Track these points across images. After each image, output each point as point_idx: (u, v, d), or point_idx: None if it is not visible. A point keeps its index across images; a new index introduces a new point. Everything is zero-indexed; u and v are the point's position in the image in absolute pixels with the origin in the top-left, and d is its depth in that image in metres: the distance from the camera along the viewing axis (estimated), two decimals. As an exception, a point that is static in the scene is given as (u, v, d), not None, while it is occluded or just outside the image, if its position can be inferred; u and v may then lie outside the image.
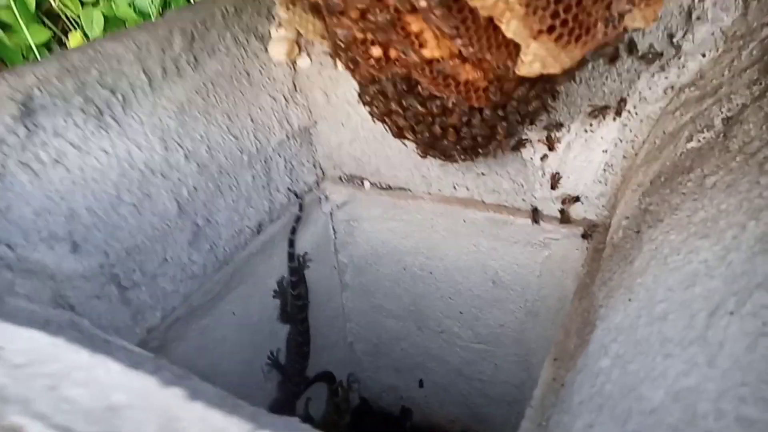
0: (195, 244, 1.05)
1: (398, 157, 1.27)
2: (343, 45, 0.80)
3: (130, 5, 1.61)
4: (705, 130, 0.84)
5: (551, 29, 0.65)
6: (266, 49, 1.20)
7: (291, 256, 1.32)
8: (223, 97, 1.11)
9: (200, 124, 1.06)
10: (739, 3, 0.85)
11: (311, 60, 1.24)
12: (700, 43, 0.90)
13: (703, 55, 0.91)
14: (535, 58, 0.67)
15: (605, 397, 0.55)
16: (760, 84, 0.79)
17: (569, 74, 0.83)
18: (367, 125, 1.25)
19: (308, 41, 1.23)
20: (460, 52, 0.73)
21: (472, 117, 0.86)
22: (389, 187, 1.34)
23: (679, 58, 0.92)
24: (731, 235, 0.60)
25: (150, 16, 1.65)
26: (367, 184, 1.36)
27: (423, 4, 0.65)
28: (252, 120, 1.17)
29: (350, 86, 1.21)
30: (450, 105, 0.83)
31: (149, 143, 0.99)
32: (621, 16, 0.68)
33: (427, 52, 0.76)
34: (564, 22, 0.66)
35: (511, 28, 0.64)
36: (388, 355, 1.70)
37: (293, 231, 1.30)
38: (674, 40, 0.91)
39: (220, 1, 1.08)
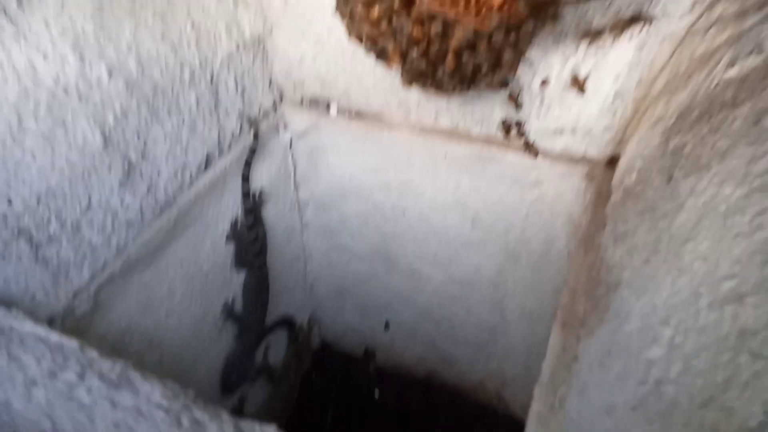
0: (128, 184, 0.85)
1: (372, 77, 1.07)
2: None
3: None
4: (752, 54, 0.71)
5: None
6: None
7: (246, 194, 1.14)
8: (155, -5, 0.87)
9: (126, 29, 0.82)
10: None
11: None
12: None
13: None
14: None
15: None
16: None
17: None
18: (334, 35, 1.04)
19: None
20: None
21: (478, 41, 0.69)
22: (359, 114, 1.15)
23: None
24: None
25: None
26: (333, 109, 1.16)
27: None
28: (193, 25, 0.94)
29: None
30: (455, 27, 0.65)
31: (59, 52, 0.76)
32: None
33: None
34: None
35: None
36: (352, 296, 1.59)
37: (248, 164, 1.11)
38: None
39: None
